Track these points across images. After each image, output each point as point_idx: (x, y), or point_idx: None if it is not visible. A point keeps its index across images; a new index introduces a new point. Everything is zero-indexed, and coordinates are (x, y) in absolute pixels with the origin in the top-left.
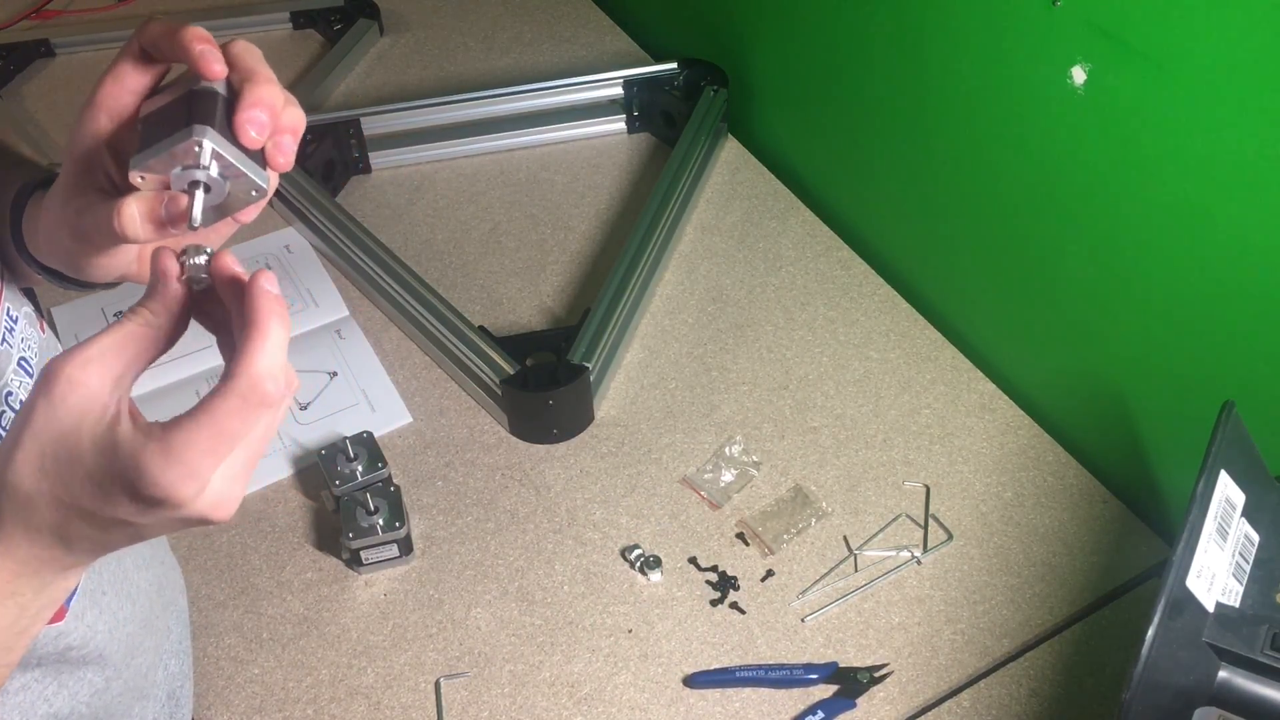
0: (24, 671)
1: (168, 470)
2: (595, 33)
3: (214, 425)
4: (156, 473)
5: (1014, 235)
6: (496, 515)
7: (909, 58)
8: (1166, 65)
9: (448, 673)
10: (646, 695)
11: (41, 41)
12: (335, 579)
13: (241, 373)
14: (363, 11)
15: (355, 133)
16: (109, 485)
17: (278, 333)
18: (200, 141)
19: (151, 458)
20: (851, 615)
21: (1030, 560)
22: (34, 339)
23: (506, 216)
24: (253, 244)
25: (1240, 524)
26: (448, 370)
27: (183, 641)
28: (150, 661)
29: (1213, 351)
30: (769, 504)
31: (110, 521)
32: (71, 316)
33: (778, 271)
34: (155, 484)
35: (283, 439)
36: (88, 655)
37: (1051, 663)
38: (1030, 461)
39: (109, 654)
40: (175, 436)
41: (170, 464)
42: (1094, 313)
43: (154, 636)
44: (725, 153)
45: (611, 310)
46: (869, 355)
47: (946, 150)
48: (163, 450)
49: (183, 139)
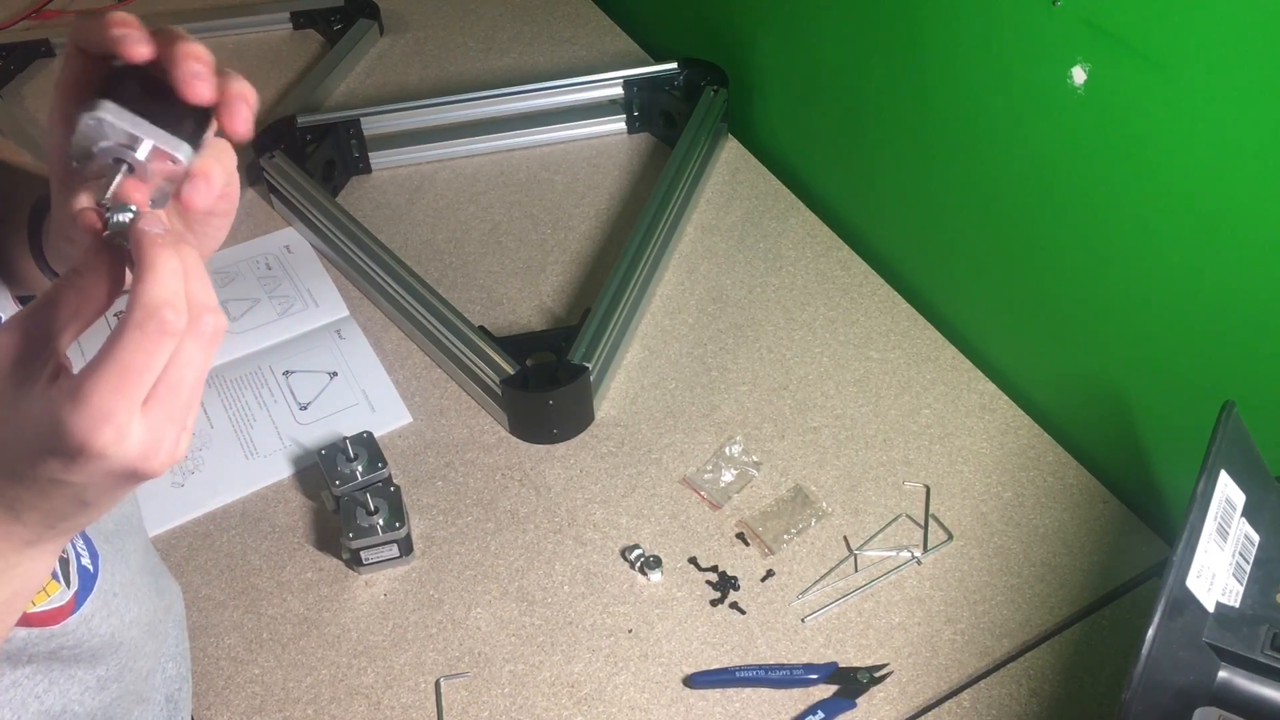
0: (14, 668)
1: (79, 416)
2: (595, 33)
3: (116, 362)
4: (69, 420)
5: (1014, 235)
6: (496, 515)
7: (909, 58)
8: (1166, 65)
9: (448, 673)
10: (646, 695)
11: (41, 41)
12: (335, 579)
13: (135, 304)
14: (363, 11)
15: (355, 133)
16: (33, 442)
17: (166, 262)
18: (96, 115)
19: (62, 406)
20: (851, 615)
21: (1030, 560)
22: None
23: (506, 216)
24: (252, 244)
25: (1240, 524)
26: (448, 370)
27: (180, 644)
28: (150, 665)
29: (1213, 352)
30: (769, 504)
31: (47, 484)
32: None
33: (778, 271)
34: (70, 432)
35: (283, 439)
36: (79, 655)
37: (1051, 663)
38: (1030, 461)
39: (107, 655)
40: (83, 381)
41: (80, 409)
42: (1094, 313)
43: (155, 640)
44: (725, 153)
45: (611, 310)
46: (869, 355)
47: (946, 150)
48: (72, 397)
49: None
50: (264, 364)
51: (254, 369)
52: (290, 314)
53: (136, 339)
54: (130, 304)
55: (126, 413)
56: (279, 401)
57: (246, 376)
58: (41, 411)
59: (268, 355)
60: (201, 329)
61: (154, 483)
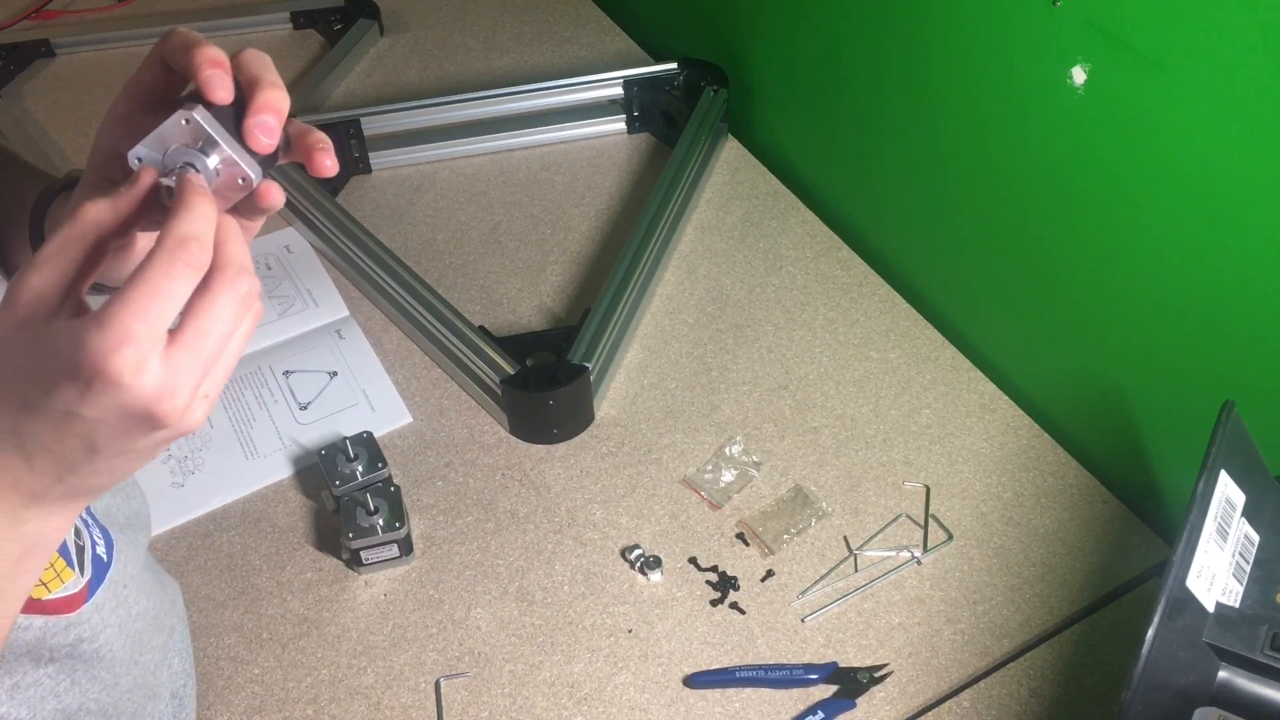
0: (36, 667)
1: (102, 336)
2: (595, 33)
3: (143, 284)
4: (89, 340)
5: (1013, 235)
6: (496, 515)
7: (909, 58)
8: (1166, 65)
9: (448, 673)
10: (646, 695)
11: (41, 41)
12: (335, 579)
13: (165, 235)
14: (363, 11)
15: (355, 133)
16: (52, 369)
17: (202, 205)
18: (188, 116)
19: (86, 327)
20: (851, 615)
21: (1030, 560)
22: None
23: (506, 216)
24: (252, 244)
25: (1240, 524)
26: (448, 370)
27: (184, 640)
28: (157, 660)
29: (1213, 351)
30: (769, 504)
31: (61, 417)
32: None
33: (778, 271)
34: (90, 351)
35: (283, 439)
36: (99, 649)
37: (1051, 663)
38: (1030, 461)
39: (119, 649)
40: (107, 306)
41: (104, 329)
42: (1094, 312)
43: (161, 634)
44: (725, 153)
45: (611, 310)
46: (869, 355)
47: (946, 150)
48: (96, 319)
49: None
50: (264, 364)
51: (254, 369)
52: (290, 314)
53: (163, 267)
54: (160, 236)
55: (148, 339)
56: (279, 401)
57: (246, 376)
58: (65, 337)
59: (267, 355)
60: (237, 285)
61: (154, 483)
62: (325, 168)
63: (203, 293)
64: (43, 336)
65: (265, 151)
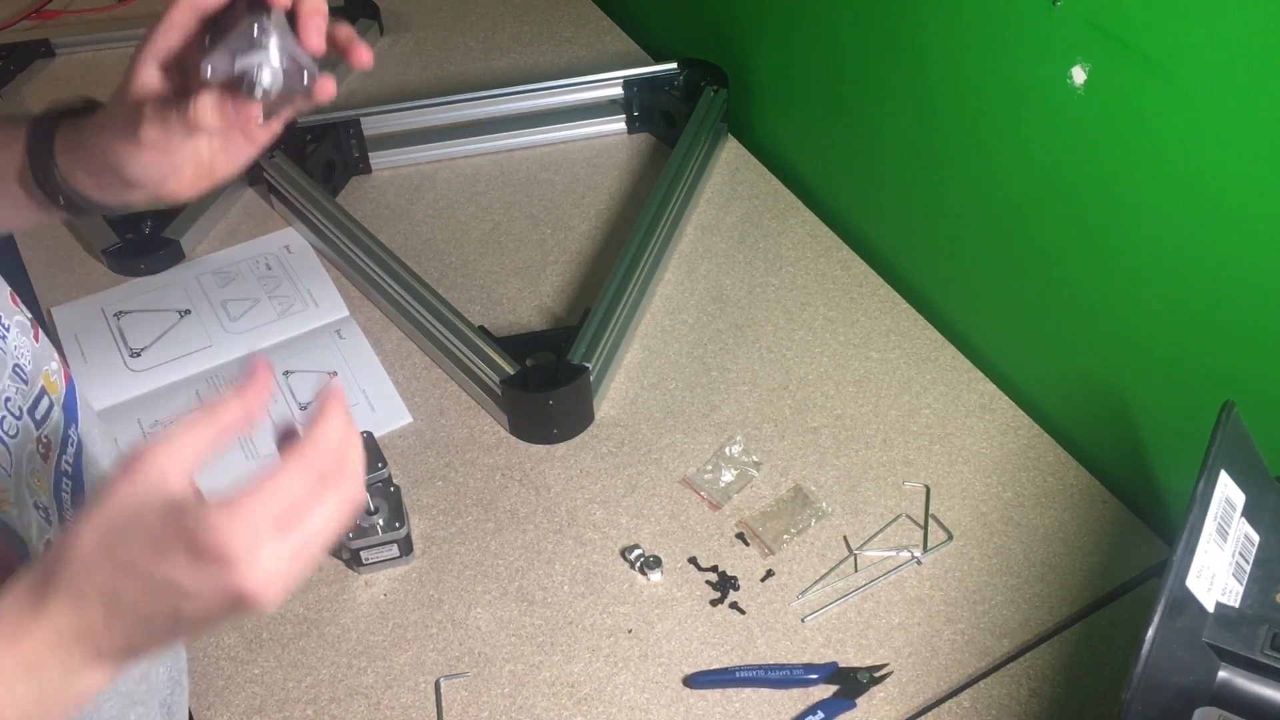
0: None
1: (227, 518)
2: (595, 33)
3: (276, 482)
4: (215, 520)
5: (1013, 235)
6: (496, 515)
7: (909, 58)
8: (1166, 65)
9: (448, 673)
10: (646, 695)
11: (41, 41)
12: (335, 579)
13: (309, 439)
14: (363, 11)
15: (355, 133)
16: (169, 539)
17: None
18: (258, 21)
19: (214, 509)
20: (851, 615)
21: (1030, 560)
22: (27, 347)
23: (506, 216)
24: (252, 244)
25: (1240, 524)
26: (448, 370)
27: (174, 648)
28: (144, 668)
29: (1213, 351)
30: (769, 504)
31: (161, 585)
32: (71, 318)
33: (778, 271)
34: (213, 529)
35: None
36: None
37: (1051, 663)
38: (1030, 461)
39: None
40: (239, 494)
41: (230, 513)
42: (1094, 312)
43: None
44: (725, 153)
45: (611, 310)
46: (869, 355)
47: (946, 150)
48: (225, 503)
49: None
50: None
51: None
52: (290, 314)
53: (299, 467)
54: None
55: (267, 528)
56: (279, 401)
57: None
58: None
59: (268, 355)
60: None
61: None
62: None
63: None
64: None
65: (320, 50)
